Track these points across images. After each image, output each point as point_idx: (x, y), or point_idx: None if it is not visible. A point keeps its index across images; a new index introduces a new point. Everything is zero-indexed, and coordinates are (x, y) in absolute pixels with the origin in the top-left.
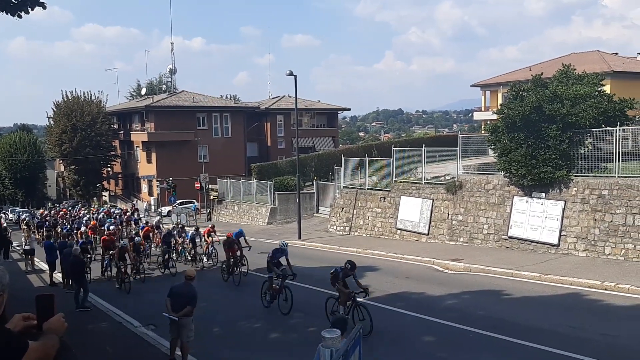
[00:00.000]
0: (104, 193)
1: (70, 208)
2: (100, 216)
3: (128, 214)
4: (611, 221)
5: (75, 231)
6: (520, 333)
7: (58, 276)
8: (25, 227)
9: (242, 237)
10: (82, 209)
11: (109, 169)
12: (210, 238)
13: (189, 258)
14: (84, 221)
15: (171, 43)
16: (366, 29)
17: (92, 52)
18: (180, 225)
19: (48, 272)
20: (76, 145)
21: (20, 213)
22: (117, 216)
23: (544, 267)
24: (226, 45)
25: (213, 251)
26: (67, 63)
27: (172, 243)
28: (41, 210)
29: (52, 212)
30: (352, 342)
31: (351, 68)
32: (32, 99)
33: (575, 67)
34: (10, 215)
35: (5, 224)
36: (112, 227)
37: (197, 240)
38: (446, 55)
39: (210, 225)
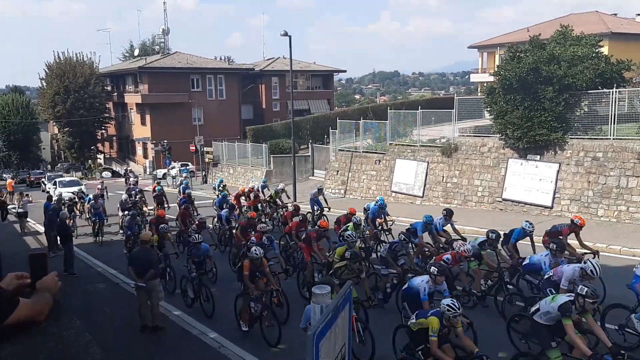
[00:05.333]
0: (98, 156)
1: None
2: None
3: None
4: (605, 183)
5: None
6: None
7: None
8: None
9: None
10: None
11: (103, 131)
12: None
13: None
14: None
15: (164, 2)
16: None
17: (81, 12)
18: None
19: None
20: (69, 107)
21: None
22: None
23: (537, 229)
24: (219, 5)
25: None
26: (57, 23)
27: None
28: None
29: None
30: (342, 298)
31: (347, 28)
32: (23, 60)
33: (574, 28)
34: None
35: None
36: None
37: None
38: (443, 15)
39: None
